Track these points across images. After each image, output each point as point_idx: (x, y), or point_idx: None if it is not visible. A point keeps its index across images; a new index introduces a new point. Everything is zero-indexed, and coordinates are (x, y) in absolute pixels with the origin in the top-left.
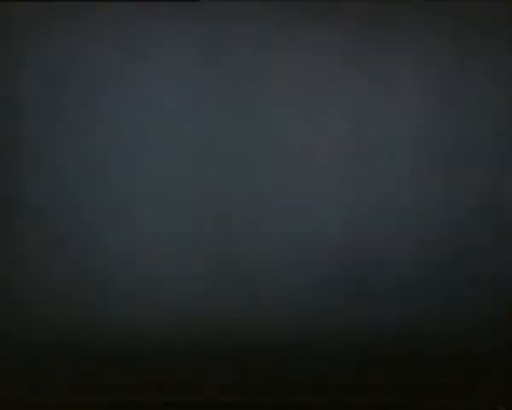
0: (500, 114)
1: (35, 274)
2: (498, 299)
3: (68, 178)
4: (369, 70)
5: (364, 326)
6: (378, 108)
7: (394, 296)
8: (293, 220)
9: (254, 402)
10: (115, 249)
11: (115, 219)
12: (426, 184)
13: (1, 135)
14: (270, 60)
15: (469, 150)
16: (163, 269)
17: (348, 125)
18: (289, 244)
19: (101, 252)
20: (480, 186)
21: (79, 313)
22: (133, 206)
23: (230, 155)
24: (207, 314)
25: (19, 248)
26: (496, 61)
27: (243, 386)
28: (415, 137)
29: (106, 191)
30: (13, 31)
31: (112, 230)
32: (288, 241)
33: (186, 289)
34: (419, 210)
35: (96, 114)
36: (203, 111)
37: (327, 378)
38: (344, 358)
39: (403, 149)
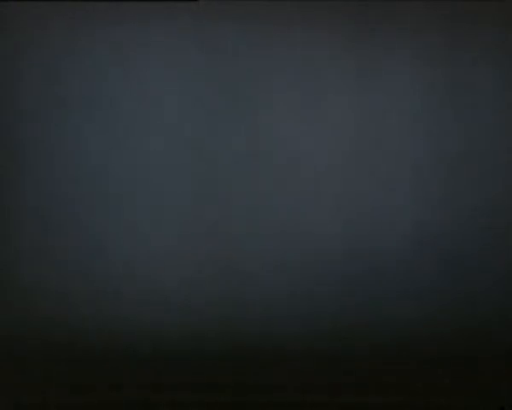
0: (501, 114)
1: (35, 274)
2: (499, 299)
3: (68, 177)
4: (369, 71)
5: (364, 326)
6: (378, 109)
7: (394, 297)
8: (293, 221)
9: (254, 402)
10: (115, 250)
11: (115, 219)
12: (426, 185)
13: (1, 135)
14: (269, 60)
15: (470, 151)
16: (163, 269)
17: (348, 125)
18: (289, 246)
19: (101, 252)
20: (480, 186)
21: (79, 313)
22: (133, 206)
23: (229, 156)
24: (207, 315)
25: (18, 248)
26: (497, 61)
27: (243, 386)
28: (414, 138)
29: (106, 191)
30: (13, 31)
31: (112, 230)
32: (289, 242)
33: (186, 290)
34: (419, 211)
35: (96, 114)
36: (202, 111)
37: (327, 378)
38: (344, 358)
39: (402, 150)
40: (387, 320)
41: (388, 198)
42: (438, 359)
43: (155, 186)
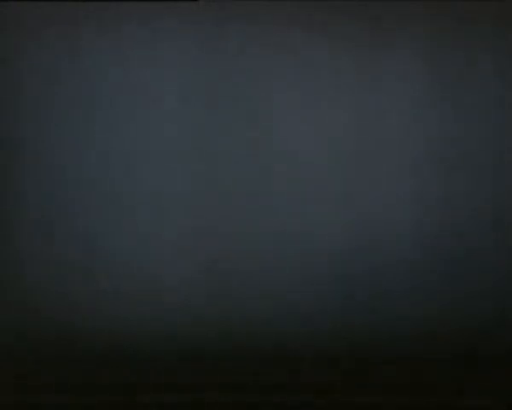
0: (501, 114)
1: (35, 274)
2: (499, 299)
3: (68, 177)
4: (369, 71)
5: (364, 327)
6: (378, 109)
7: (394, 297)
8: (293, 221)
9: (254, 402)
10: (115, 249)
11: (115, 219)
12: (426, 185)
13: (1, 135)
14: (269, 60)
15: (470, 151)
16: (163, 269)
17: (349, 126)
18: (289, 246)
19: (101, 252)
20: (480, 186)
21: (79, 313)
22: (133, 206)
23: (229, 156)
24: (207, 315)
25: (18, 248)
26: (497, 61)
27: (243, 386)
28: (414, 138)
29: (105, 192)
30: (13, 31)
31: (112, 230)
32: (289, 242)
33: (186, 289)
34: (419, 211)
35: (96, 115)
36: (202, 111)
37: (327, 378)
38: (344, 358)
39: (402, 150)
40: (387, 320)
41: (388, 198)
42: (438, 359)
43: (155, 186)
